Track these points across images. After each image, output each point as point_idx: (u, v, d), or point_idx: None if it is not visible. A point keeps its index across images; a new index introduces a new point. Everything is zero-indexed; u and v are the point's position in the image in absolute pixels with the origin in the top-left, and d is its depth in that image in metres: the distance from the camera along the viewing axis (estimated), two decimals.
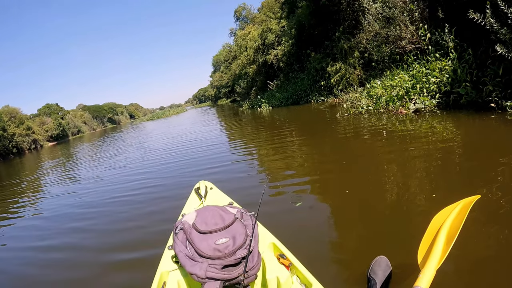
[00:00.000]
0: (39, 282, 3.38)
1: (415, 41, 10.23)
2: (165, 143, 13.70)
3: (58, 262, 3.77)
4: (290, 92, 19.32)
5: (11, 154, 46.48)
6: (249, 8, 43.78)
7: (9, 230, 5.80)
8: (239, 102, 37.39)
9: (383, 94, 8.99)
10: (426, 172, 3.91)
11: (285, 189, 4.34)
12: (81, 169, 12.11)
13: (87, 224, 4.89)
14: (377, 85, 10.06)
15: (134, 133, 28.92)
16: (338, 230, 3.00)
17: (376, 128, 7.10)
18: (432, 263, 1.63)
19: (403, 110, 7.72)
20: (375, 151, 5.45)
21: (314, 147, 6.90)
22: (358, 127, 7.69)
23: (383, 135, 6.22)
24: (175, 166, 7.79)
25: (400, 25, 10.23)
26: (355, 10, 14.48)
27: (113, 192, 6.53)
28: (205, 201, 2.85)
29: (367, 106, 9.20)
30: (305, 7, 17.95)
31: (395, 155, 4.90)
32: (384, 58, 11.30)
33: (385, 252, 2.19)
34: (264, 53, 24.88)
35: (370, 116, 8.46)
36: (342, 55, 14.41)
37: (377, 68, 11.98)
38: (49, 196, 7.92)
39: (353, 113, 9.18)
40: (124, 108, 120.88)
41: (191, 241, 1.93)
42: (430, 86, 7.84)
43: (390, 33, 10.45)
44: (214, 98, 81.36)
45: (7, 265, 4.13)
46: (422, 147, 4.90)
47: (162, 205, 4.87)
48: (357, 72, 13.84)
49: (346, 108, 10.54)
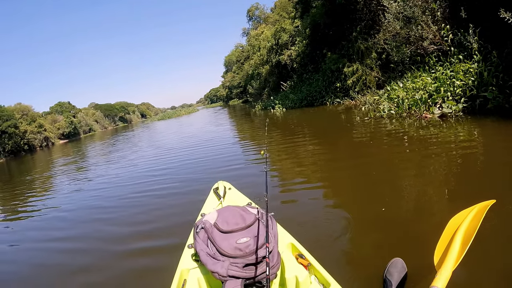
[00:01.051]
0: (58, 270, 3.59)
1: (437, 42, 9.83)
2: (179, 142, 13.75)
3: (76, 254, 3.97)
4: (305, 93, 18.89)
5: (22, 151, 47.32)
6: (262, 8, 43.45)
7: (30, 223, 6.05)
8: (251, 103, 37.13)
9: (405, 97, 8.59)
10: (445, 177, 3.91)
11: (302, 191, 4.42)
12: (97, 166, 12.31)
13: (104, 223, 4.95)
14: (398, 88, 9.64)
15: (147, 132, 29.09)
16: (355, 232, 3.01)
17: (399, 133, 6.75)
18: (449, 264, 1.68)
19: (427, 114, 7.35)
20: (396, 155, 5.34)
21: (332, 151, 6.65)
22: (380, 132, 7.33)
23: (405, 140, 5.92)
24: (191, 165, 7.85)
25: (421, 25, 9.84)
26: (372, 9, 14.11)
27: (130, 190, 6.60)
28: (224, 201, 2.88)
29: (388, 110, 8.77)
30: (320, 6, 17.57)
31: (415, 159, 4.89)
32: (404, 60, 10.90)
33: (401, 254, 2.23)
34: (278, 53, 24.51)
35: (392, 120, 8.08)
36: (359, 55, 14.00)
37: (397, 70, 11.57)
38: (68, 191, 8.14)
39: (374, 117, 8.76)
40: (135, 107, 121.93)
41: (213, 240, 1.97)
42: (455, 89, 7.47)
43: (411, 33, 10.05)
44: (226, 98, 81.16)
45: (31, 255, 4.31)
46: (444, 152, 4.81)
47: (179, 203, 4.93)
48: (374, 73, 13.45)
49: (364, 111, 10.20)
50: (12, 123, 45.69)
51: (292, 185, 4.81)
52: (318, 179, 4.91)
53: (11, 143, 45.22)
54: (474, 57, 7.88)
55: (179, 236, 3.20)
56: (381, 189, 3.92)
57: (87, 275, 3.32)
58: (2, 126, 44.15)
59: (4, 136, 44.49)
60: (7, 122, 44.92)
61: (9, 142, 44.94)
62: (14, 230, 5.92)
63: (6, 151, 44.70)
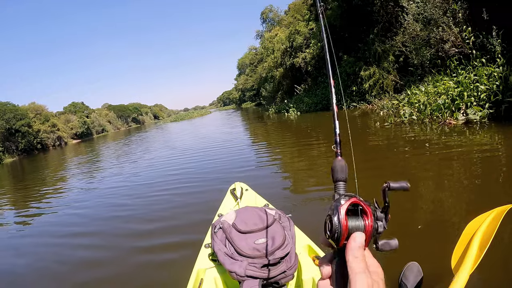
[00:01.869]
0: (75, 265, 3.72)
1: (459, 45, 9.52)
2: (194, 143, 14.01)
3: (93, 249, 4.12)
4: (319, 97, 18.61)
5: (35, 150, 48.37)
6: (276, 10, 43.25)
7: (48, 219, 6.25)
8: (265, 106, 36.89)
9: (427, 102, 8.26)
10: (465, 183, 3.90)
11: (318, 193, 4.51)
12: (112, 165, 12.56)
13: (121, 220, 5.08)
14: (419, 92, 9.28)
15: (162, 133, 29.36)
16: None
17: (421, 139, 6.44)
18: (466, 268, 1.67)
19: (451, 120, 7.04)
20: (415, 160, 5.31)
21: (351, 156, 6.35)
22: (402, 138, 7.06)
23: (426, 146, 5.66)
24: (207, 166, 7.98)
25: (442, 26, 9.54)
26: (389, 11, 13.78)
27: (146, 189, 6.75)
28: (241, 202, 2.87)
29: (410, 115, 8.43)
30: (335, 8, 17.27)
31: (435, 164, 4.86)
32: (424, 63, 10.57)
33: (417, 258, 2.21)
34: (292, 56, 24.20)
35: (414, 127, 7.76)
36: (376, 58, 13.67)
37: (416, 73, 11.23)
38: (85, 189, 8.38)
39: (394, 122, 8.44)
40: (148, 108, 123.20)
41: (231, 240, 1.97)
42: (479, 94, 7.17)
43: (432, 35, 9.75)
44: (239, 101, 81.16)
45: (49, 251, 4.47)
46: (466, 159, 4.76)
47: (195, 203, 5.03)
48: (392, 77, 13.13)
49: (382, 116, 9.92)
50: (25, 122, 46.62)
51: (309, 187, 4.87)
52: (331, 182, 4.90)
53: (24, 142, 46.28)
54: (497, 61, 7.61)
55: (195, 236, 3.24)
56: (398, 193, 3.79)
57: (104, 270, 3.45)
58: (16, 125, 45.04)
59: (18, 134, 45.50)
60: (20, 121, 45.82)
61: (22, 141, 46.02)
62: (32, 226, 6.03)
63: (19, 150, 45.81)
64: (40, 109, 54.67)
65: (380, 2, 13.74)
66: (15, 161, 38.54)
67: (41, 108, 55.01)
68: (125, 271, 3.32)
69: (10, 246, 5.11)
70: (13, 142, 45.25)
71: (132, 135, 38.50)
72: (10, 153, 44.00)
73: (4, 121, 44.22)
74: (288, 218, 2.19)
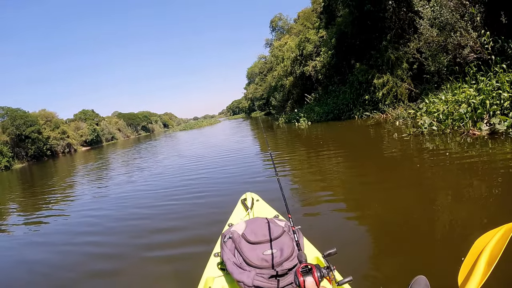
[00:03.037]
0: (84, 271, 3.72)
1: (477, 50, 9.05)
2: (205, 152, 13.79)
3: (103, 257, 4.12)
4: (331, 106, 18.05)
5: (45, 156, 48.96)
6: (285, 19, 43.10)
7: (56, 227, 6.19)
8: (274, 115, 36.43)
9: (447, 111, 7.75)
10: (481, 199, 3.75)
11: (327, 205, 4.49)
12: (122, 174, 12.50)
13: (131, 228, 5.08)
14: (438, 100, 8.72)
15: (172, 142, 29.36)
16: (379, 248, 3.06)
17: (442, 152, 5.94)
18: (472, 285, 1.64)
19: (475, 131, 6.54)
20: (431, 172, 5.12)
21: (364, 168, 5.90)
22: (424, 150, 6.57)
23: (447, 162, 5.13)
24: (218, 175, 7.97)
25: (460, 31, 9.08)
26: (401, 17, 13.36)
27: (157, 198, 6.70)
28: (251, 213, 2.90)
29: (430, 125, 7.84)
30: (347, 15, 16.87)
31: (451, 177, 4.72)
32: (441, 70, 10.09)
33: (425, 272, 2.09)
34: (302, 64, 23.83)
35: (434, 137, 7.22)
36: (389, 66, 13.20)
37: (432, 81, 10.73)
38: (95, 197, 8.40)
39: (413, 133, 7.84)
40: (158, 117, 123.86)
41: (240, 250, 1.99)
42: (503, 102, 6.70)
43: (449, 40, 9.28)
44: (248, 110, 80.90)
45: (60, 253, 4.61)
46: (485, 172, 4.59)
47: (206, 213, 5.00)
48: (405, 85, 12.66)
49: (398, 126, 9.44)
50: (35, 129, 47.27)
51: (319, 199, 4.84)
52: (342, 195, 4.96)
53: (34, 148, 46.88)
54: None
55: (205, 244, 3.24)
56: (410, 207, 3.89)
57: (114, 278, 3.45)
58: (26, 131, 45.60)
59: (28, 141, 46.09)
60: (30, 128, 46.42)
61: (32, 147, 46.62)
62: (42, 233, 6.02)
63: (29, 156, 46.34)
64: (51, 116, 55.60)
65: (392, 8, 13.32)
66: (24, 167, 39.05)
67: (51, 115, 55.93)
68: (135, 279, 3.33)
69: (19, 250, 5.14)
70: (23, 148, 45.86)
71: (142, 143, 38.72)
72: (19, 159, 44.59)
73: (14, 127, 44.93)
74: (297, 229, 2.10)
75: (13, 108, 47.28)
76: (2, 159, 39.41)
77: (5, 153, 40.61)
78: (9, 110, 46.93)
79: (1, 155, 39.93)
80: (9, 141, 44.04)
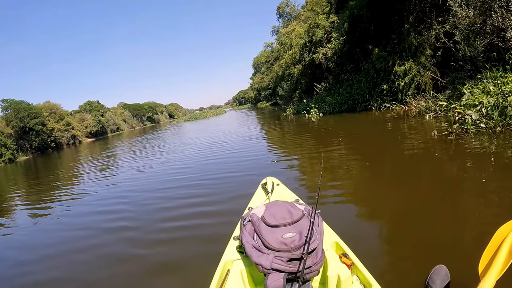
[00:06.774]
0: (98, 259, 3.83)
1: None
2: (212, 143, 13.73)
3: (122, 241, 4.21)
4: (344, 96, 16.57)
5: (49, 148, 49.18)
6: (292, 5, 41.57)
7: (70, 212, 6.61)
8: (281, 105, 35.07)
9: (497, 104, 6.42)
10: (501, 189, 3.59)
11: (349, 191, 4.50)
12: (134, 161, 13.02)
13: (153, 211, 5.27)
14: (480, 92, 7.28)
15: (179, 132, 29.42)
16: (400, 237, 2.98)
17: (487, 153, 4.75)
18: (493, 274, 1.62)
19: None
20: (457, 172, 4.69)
21: (411, 191, 4.60)
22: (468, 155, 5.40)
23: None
24: (237, 160, 8.29)
25: (501, 11, 7.83)
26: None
27: (177, 182, 7.02)
28: (272, 197, 2.89)
29: (479, 121, 6.40)
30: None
31: (473, 169, 4.48)
32: (477, 56, 8.81)
33: (445, 261, 2.12)
34: (311, 52, 22.41)
35: (482, 137, 5.91)
36: (411, 52, 11.91)
37: (465, 69, 9.42)
38: (110, 184, 8.76)
39: (456, 131, 6.39)
40: (164, 107, 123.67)
41: (259, 233, 1.99)
42: None
43: (489, 20, 7.99)
44: (254, 100, 79.60)
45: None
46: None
47: (227, 197, 5.09)
48: (429, 73, 11.39)
49: (428, 120, 8.25)
50: (39, 121, 47.28)
51: (340, 186, 4.81)
52: (363, 184, 4.89)
53: (38, 140, 47.06)
54: None
55: (225, 228, 3.20)
56: (428, 195, 3.83)
57: (134, 261, 3.50)
58: (30, 123, 45.60)
59: (32, 133, 46.18)
60: (34, 120, 46.40)
61: (36, 139, 46.80)
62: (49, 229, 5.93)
63: (33, 148, 46.57)
64: (55, 108, 55.58)
65: None
66: (28, 159, 39.11)
67: (56, 107, 55.89)
68: (155, 259, 3.43)
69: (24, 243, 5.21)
70: (27, 141, 45.92)
71: (148, 133, 38.36)
72: (24, 151, 44.65)
73: (18, 119, 44.96)
74: (317, 213, 2.12)
75: (17, 101, 47.25)
76: (6, 151, 39.13)
77: (9, 145, 40.42)
78: (12, 102, 46.80)
79: (5, 147, 39.62)
80: (13, 134, 43.91)
